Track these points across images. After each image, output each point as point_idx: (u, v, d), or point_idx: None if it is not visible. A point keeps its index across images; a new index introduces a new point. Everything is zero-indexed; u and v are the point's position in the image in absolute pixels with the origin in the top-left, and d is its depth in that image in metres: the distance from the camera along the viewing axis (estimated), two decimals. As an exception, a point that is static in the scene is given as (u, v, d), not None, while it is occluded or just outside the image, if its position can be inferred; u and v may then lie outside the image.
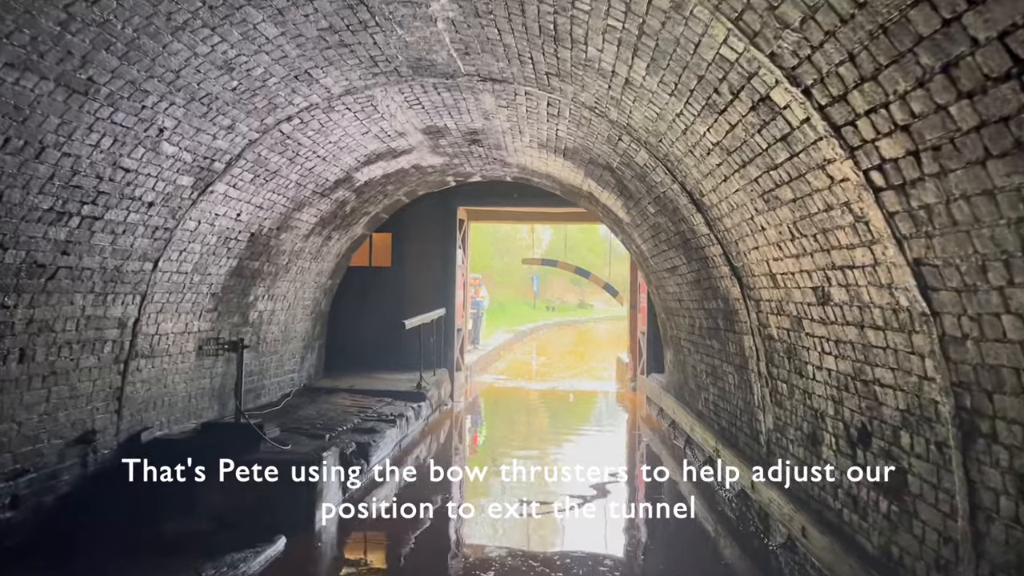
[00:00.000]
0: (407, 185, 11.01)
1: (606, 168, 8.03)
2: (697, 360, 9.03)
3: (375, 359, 13.66)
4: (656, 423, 12.32)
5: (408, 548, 6.57)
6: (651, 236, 8.87)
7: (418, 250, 14.16)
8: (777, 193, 4.30)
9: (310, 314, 11.23)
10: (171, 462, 6.49)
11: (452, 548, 6.82)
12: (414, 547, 6.60)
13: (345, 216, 10.29)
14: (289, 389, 10.71)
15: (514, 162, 10.17)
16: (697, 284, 7.84)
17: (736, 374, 7.15)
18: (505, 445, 11.17)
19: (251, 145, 6.56)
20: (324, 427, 8.33)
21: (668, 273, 9.18)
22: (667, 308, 10.50)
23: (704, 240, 6.68)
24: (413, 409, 10.39)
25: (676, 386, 10.71)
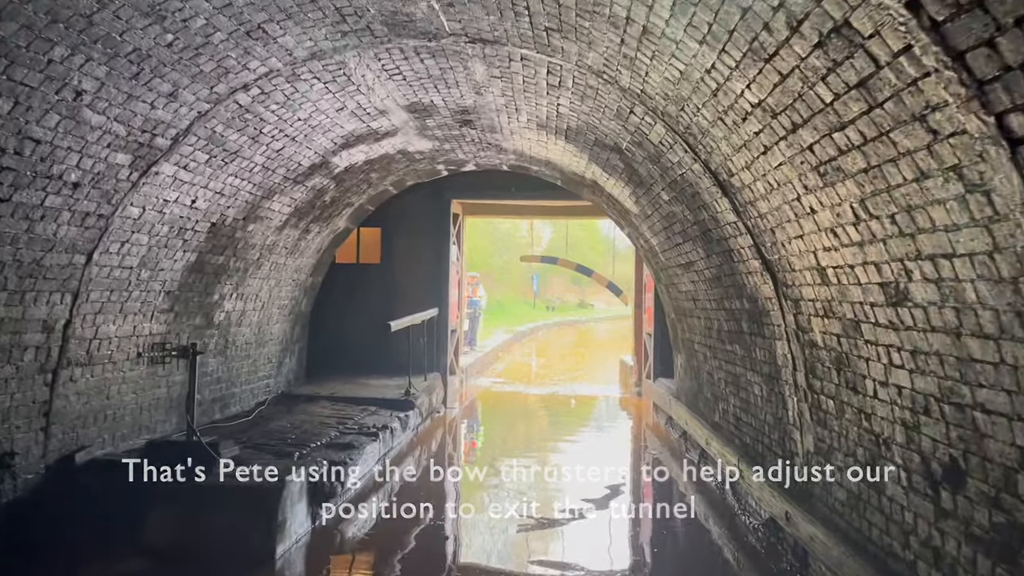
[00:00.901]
0: (393, 173, 10.07)
1: (614, 150, 7.09)
2: (714, 367, 8.10)
3: (362, 363, 12.73)
4: (664, 432, 11.38)
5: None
6: (663, 228, 7.93)
7: (409, 246, 13.23)
8: (840, 163, 3.36)
9: (288, 315, 10.29)
10: (108, 486, 5.58)
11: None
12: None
13: (324, 207, 9.35)
14: (264, 397, 9.78)
15: (510, 147, 9.23)
16: (717, 281, 6.91)
17: (764, 385, 6.21)
18: (501, 458, 10.23)
19: (201, 118, 5.62)
20: (295, 442, 7.39)
21: (681, 270, 8.24)
22: (678, 308, 9.56)
23: (729, 230, 5.74)
24: (399, 419, 9.46)
25: (688, 394, 9.77)
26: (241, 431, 7.82)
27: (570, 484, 8.98)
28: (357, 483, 7.49)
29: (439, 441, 11.13)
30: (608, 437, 11.75)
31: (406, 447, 9.84)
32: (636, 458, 10.50)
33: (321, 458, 6.91)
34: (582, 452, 10.57)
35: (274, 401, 9.86)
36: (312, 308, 11.61)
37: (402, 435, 9.55)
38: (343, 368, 12.55)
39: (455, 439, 11.60)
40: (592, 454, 10.44)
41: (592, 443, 11.19)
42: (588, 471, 9.34)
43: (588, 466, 9.71)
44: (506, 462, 9.96)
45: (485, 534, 7.10)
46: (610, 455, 10.44)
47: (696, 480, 8.57)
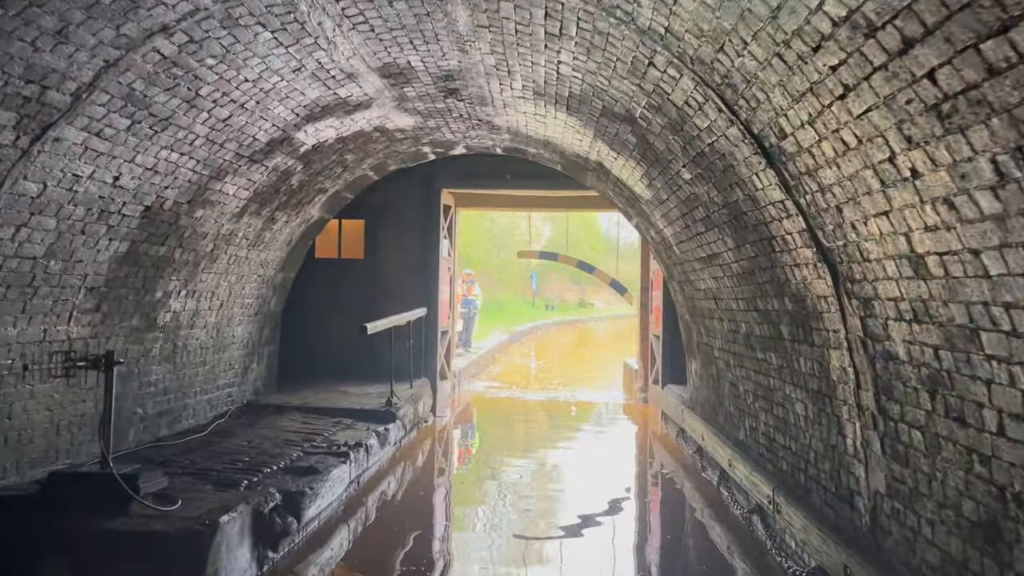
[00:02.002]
0: (372, 156, 8.92)
1: (625, 120, 5.95)
2: (739, 377, 6.97)
3: (343, 368, 11.60)
4: (675, 445, 10.25)
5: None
6: (680, 215, 6.80)
7: (396, 240, 12.10)
8: (988, 91, 2.23)
9: (254, 315, 9.15)
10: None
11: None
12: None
13: (292, 192, 8.21)
14: (226, 408, 8.64)
15: (504, 124, 8.09)
16: (748, 277, 5.78)
17: (809, 403, 5.08)
18: (493, 476, 9.10)
19: (111, 70, 4.48)
20: (247, 467, 6.26)
21: (701, 264, 7.11)
22: (694, 309, 8.43)
23: (772, 212, 4.61)
24: (377, 435, 8.31)
25: (705, 405, 8.64)
26: (186, 452, 6.68)
27: (572, 503, 7.90)
28: (321, 514, 6.36)
29: (426, 456, 10.00)
30: (613, 450, 10.61)
31: (386, 464, 8.71)
32: (645, 477, 9.36)
33: (275, 487, 5.77)
34: (584, 467, 9.43)
35: (237, 413, 8.72)
36: (284, 307, 10.48)
37: (381, 452, 8.41)
38: (321, 374, 11.42)
39: (444, 453, 10.46)
40: (595, 469, 9.31)
41: (595, 456, 10.05)
42: (591, 489, 8.26)
43: (591, 483, 8.61)
44: (499, 480, 8.83)
45: (473, 567, 5.99)
46: (616, 472, 9.31)
47: (716, 504, 7.45)
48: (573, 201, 13.61)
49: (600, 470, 9.29)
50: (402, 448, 9.65)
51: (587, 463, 9.70)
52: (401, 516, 7.37)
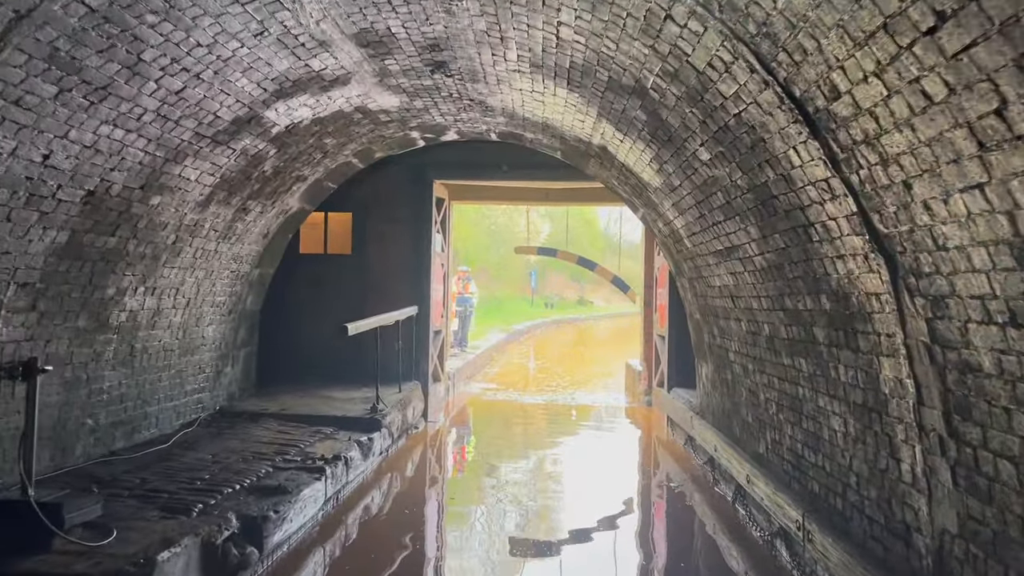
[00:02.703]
0: (355, 141, 8.19)
1: (634, 93, 5.22)
2: (759, 384, 6.24)
3: (328, 371, 10.88)
4: (682, 453, 9.53)
5: None
6: (695, 203, 6.07)
7: (385, 234, 11.37)
8: None
9: (227, 314, 8.42)
10: None
11: None
12: None
13: (265, 180, 7.48)
14: (194, 416, 7.91)
15: (498, 105, 7.36)
16: (776, 271, 5.05)
17: (851, 418, 4.36)
18: (487, 486, 8.38)
19: (23, 21, 3.74)
20: (206, 486, 5.54)
21: (717, 258, 6.39)
22: (706, 308, 7.71)
23: (812, 193, 3.88)
24: (360, 445, 7.59)
25: (717, 413, 7.92)
26: (140, 468, 5.96)
27: (574, 517, 7.21)
28: (291, 539, 5.64)
29: (416, 465, 9.28)
30: (617, 459, 9.88)
31: (371, 477, 7.99)
32: (653, 490, 8.63)
33: (234, 511, 5.04)
34: (586, 477, 8.69)
35: (207, 421, 7.99)
36: (263, 306, 9.76)
37: (364, 464, 7.69)
38: (304, 377, 10.70)
39: (436, 462, 9.73)
40: (599, 480, 8.58)
41: (598, 465, 9.30)
42: (595, 502, 7.57)
43: (594, 495, 7.89)
44: (495, 492, 8.11)
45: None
46: (621, 484, 8.58)
47: (731, 523, 6.74)
48: (574, 193, 12.88)
49: (604, 481, 8.56)
50: (389, 458, 8.93)
51: (590, 473, 8.97)
52: (385, 535, 6.65)
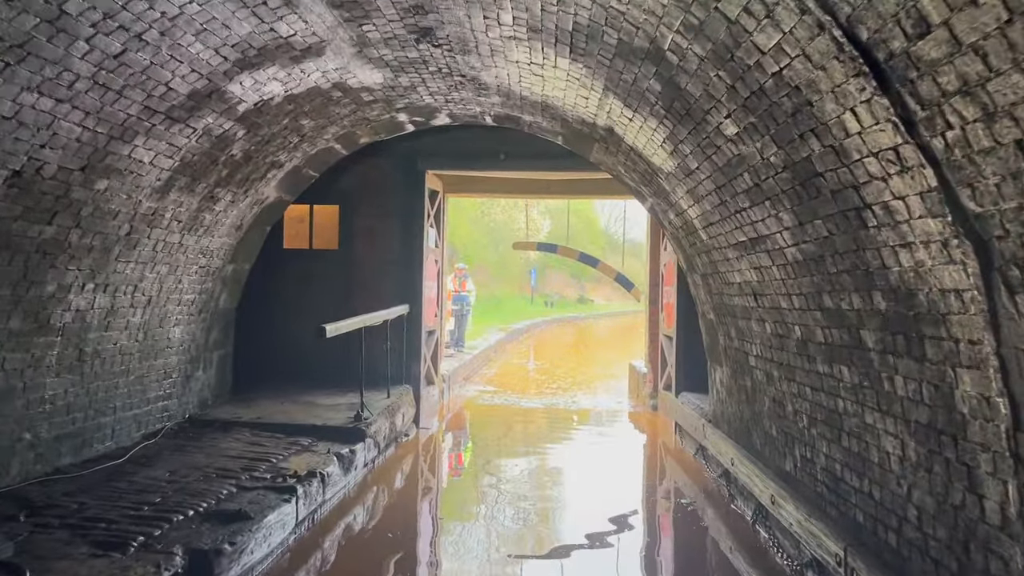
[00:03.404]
0: (335, 123, 7.45)
1: (647, 57, 4.50)
2: (787, 393, 5.52)
3: (313, 374, 10.17)
4: (692, 464, 8.82)
5: None
6: (715, 188, 5.34)
7: (375, 228, 10.66)
8: None
9: (197, 313, 7.70)
10: None
11: None
12: None
13: (235, 165, 6.75)
14: (159, 425, 7.20)
15: (492, 81, 6.63)
16: (815, 264, 4.32)
17: (912, 440, 3.64)
18: (481, 500, 7.66)
19: None
20: (155, 511, 4.82)
21: (738, 250, 5.66)
22: (722, 307, 6.98)
23: (873, 166, 3.15)
24: (340, 458, 6.87)
25: (734, 422, 7.20)
26: (83, 490, 5.23)
27: (577, 536, 6.51)
28: (254, 570, 4.92)
29: (405, 477, 8.56)
30: (622, 470, 9.15)
31: (354, 492, 7.28)
32: (663, 506, 7.90)
33: (182, 544, 4.32)
34: (590, 489, 7.94)
35: (174, 431, 7.28)
36: (240, 304, 9.04)
37: (345, 479, 6.97)
38: (286, 381, 9.99)
39: (427, 473, 9.01)
40: (603, 493, 7.85)
41: (602, 476, 8.55)
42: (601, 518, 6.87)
43: (600, 509, 7.16)
44: (491, 507, 7.40)
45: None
46: (628, 500, 7.87)
47: (752, 547, 6.03)
48: (576, 186, 12.15)
49: (610, 494, 7.83)
50: (376, 469, 8.21)
51: (594, 485, 8.22)
52: (369, 557, 5.94)
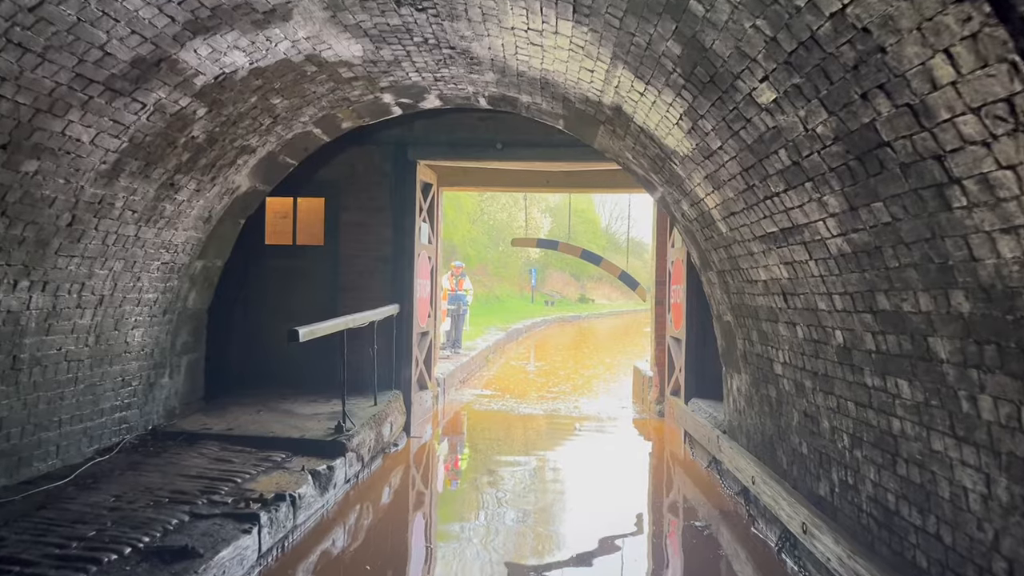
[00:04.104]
0: (313, 103, 6.72)
1: (667, 10, 3.76)
2: (822, 406, 4.79)
3: (296, 379, 9.49)
4: (705, 478, 8.10)
5: None
6: (741, 171, 4.61)
7: (363, 223, 9.97)
8: None
9: (161, 314, 6.98)
10: None
11: None
12: None
13: (198, 148, 6.02)
14: (116, 439, 6.48)
15: (485, 54, 5.90)
16: (867, 258, 3.59)
17: (1002, 476, 2.91)
18: (474, 523, 6.93)
19: None
20: (86, 548, 4.10)
21: (765, 243, 4.93)
22: (742, 307, 6.26)
23: (970, 126, 2.42)
24: (316, 476, 6.15)
25: (755, 436, 6.47)
26: (4, 522, 4.51)
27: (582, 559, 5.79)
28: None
29: (394, 492, 7.83)
30: (629, 484, 8.40)
31: (333, 513, 6.56)
32: (675, 528, 7.16)
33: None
34: (594, 504, 7.22)
35: (133, 445, 6.55)
36: (216, 305, 8.32)
37: (321, 499, 6.24)
38: (267, 387, 9.29)
39: (418, 487, 8.28)
40: (610, 509, 7.15)
41: (607, 489, 7.83)
42: (608, 539, 6.15)
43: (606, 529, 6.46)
44: (486, 527, 6.69)
45: None
46: (636, 516, 7.15)
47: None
48: (578, 178, 11.42)
49: (618, 512, 7.12)
50: (360, 485, 7.50)
51: (599, 500, 7.48)
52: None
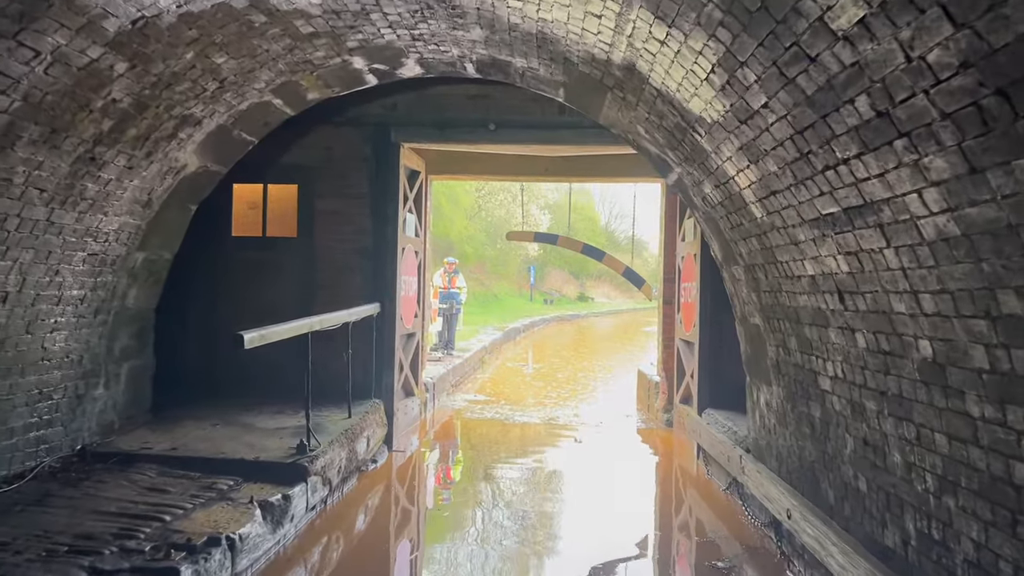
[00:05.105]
0: (267, 65, 5.67)
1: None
2: (895, 435, 3.76)
3: (264, 386, 8.45)
4: (723, 501, 7.09)
5: None
6: (793, 134, 3.58)
7: (341, 213, 8.97)
8: None
9: (92, 314, 5.94)
10: None
11: None
12: None
13: (122, 115, 4.98)
14: (31, 462, 5.44)
15: (470, 2, 4.86)
16: (991, 242, 2.55)
17: None
18: (462, 558, 5.91)
19: None
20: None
21: (818, 229, 3.90)
22: (775, 308, 5.24)
23: None
24: (268, 510, 5.12)
25: (790, 460, 5.44)
26: None
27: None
28: None
29: (369, 519, 6.83)
30: (637, 506, 7.38)
31: (291, 550, 5.53)
32: (689, 561, 6.13)
33: None
34: (599, 534, 6.19)
35: (52, 470, 5.52)
36: (167, 302, 7.30)
37: (273, 537, 5.20)
38: (231, 395, 8.26)
39: (395, 514, 7.25)
40: (616, 538, 6.14)
41: (613, 513, 6.81)
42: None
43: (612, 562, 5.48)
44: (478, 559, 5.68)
45: None
46: (645, 545, 6.14)
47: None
48: (579, 164, 10.36)
49: (628, 545, 6.12)
50: (327, 513, 6.48)
51: (604, 531, 6.46)
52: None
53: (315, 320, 6.52)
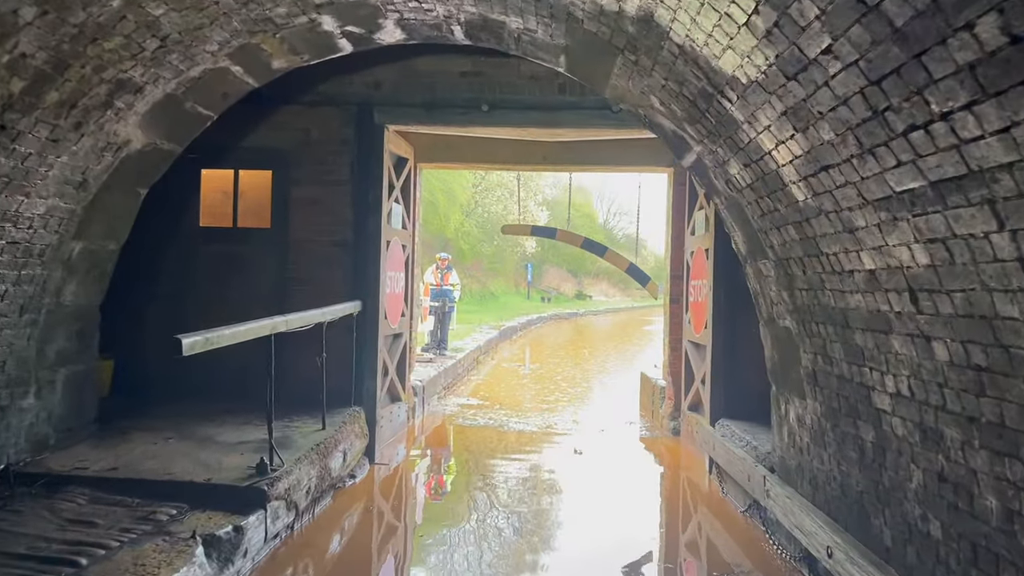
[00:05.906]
0: (219, 23, 4.81)
1: None
2: (978, 472, 2.96)
3: (238, 390, 7.56)
4: (741, 523, 6.28)
5: None
6: (865, 86, 2.76)
7: (319, 201, 8.17)
8: None
9: (17, 313, 5.10)
10: None
11: None
12: None
13: (38, 75, 4.15)
14: (-62, 487, 4.63)
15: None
16: None
17: None
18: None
19: None
20: None
21: (888, 211, 3.09)
22: (813, 309, 4.42)
23: None
24: (213, 547, 4.29)
25: (829, 487, 4.63)
26: None
27: None
28: None
29: (342, 545, 6.00)
30: (643, 528, 6.56)
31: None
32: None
33: None
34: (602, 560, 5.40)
35: (-37, 495, 4.71)
36: (125, 299, 6.49)
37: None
38: (194, 402, 7.42)
39: (373, 540, 6.42)
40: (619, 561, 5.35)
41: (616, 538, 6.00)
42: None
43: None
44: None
45: None
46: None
47: None
48: (581, 151, 9.48)
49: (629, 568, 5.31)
50: (293, 541, 5.65)
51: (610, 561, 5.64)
52: None
53: (279, 320, 5.69)
